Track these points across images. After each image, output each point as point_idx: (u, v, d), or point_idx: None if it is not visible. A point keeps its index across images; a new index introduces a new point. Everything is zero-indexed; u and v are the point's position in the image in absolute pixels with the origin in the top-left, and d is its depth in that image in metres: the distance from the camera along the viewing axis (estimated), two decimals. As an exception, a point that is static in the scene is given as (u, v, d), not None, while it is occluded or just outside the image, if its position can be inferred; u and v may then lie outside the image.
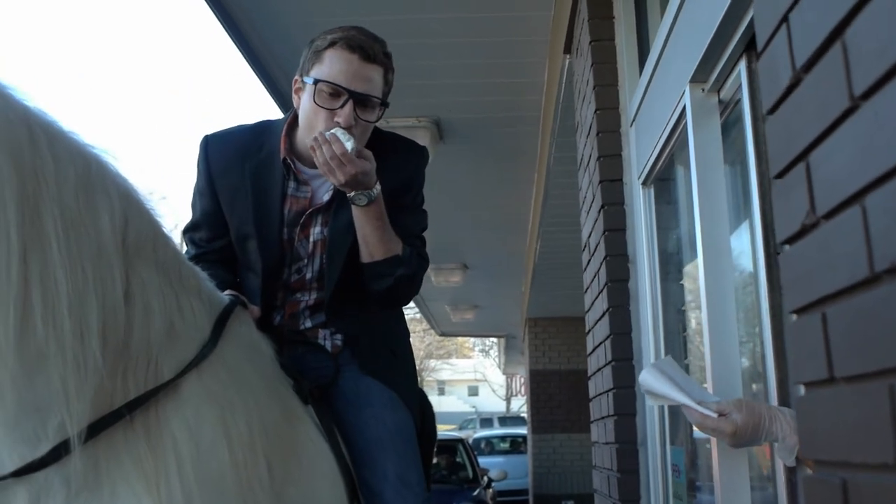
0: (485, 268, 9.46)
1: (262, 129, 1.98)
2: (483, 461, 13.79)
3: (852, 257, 0.86)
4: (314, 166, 1.85)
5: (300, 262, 1.93)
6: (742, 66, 1.80)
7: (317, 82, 1.79)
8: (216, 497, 1.40)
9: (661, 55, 2.44)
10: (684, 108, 2.13)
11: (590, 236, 3.30)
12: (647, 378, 1.75)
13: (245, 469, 1.45)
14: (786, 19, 1.02)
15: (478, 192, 6.83)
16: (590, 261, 3.33)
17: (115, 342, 1.34)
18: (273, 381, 1.70)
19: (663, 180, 2.69)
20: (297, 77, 1.89)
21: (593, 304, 3.24)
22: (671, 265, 2.69)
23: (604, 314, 2.96)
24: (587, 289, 3.44)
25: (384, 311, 2.03)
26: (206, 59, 58.34)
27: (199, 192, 2.00)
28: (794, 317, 1.04)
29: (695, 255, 2.15)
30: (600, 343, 3.07)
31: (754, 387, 1.97)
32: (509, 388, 35.97)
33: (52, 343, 1.25)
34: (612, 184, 2.94)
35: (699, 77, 2.04)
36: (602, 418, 3.08)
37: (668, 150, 2.46)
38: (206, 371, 1.48)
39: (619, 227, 2.90)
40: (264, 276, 1.92)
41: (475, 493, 9.72)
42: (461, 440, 11.31)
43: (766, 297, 1.65)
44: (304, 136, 1.87)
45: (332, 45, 1.80)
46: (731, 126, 2.08)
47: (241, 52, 4.12)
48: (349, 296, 1.93)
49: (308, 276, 1.94)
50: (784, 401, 1.62)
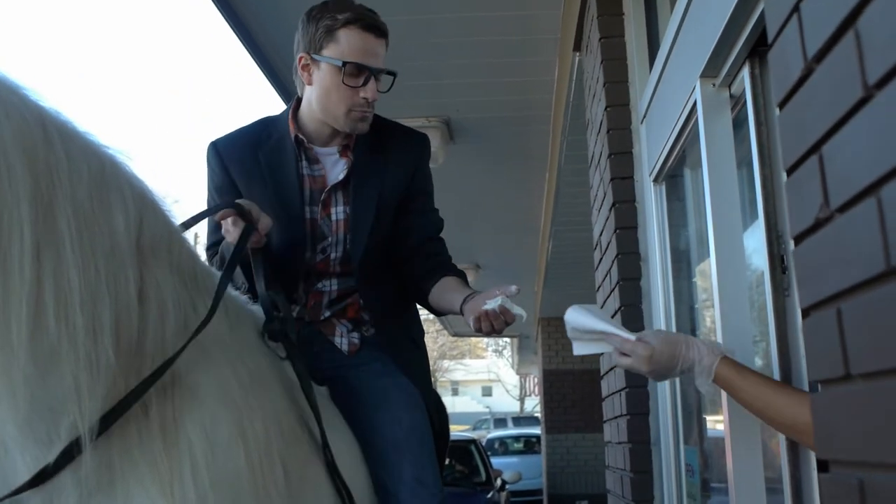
0: (497, 267, 9.44)
1: (267, 122, 2.03)
2: (497, 461, 13.65)
3: (868, 251, 0.84)
4: (324, 145, 1.96)
5: (324, 241, 1.95)
6: (745, 70, 1.77)
7: (345, 64, 1.86)
8: (231, 499, 1.39)
9: (671, 50, 2.41)
10: (695, 103, 2.10)
11: (601, 234, 3.28)
12: (572, 314, 1.77)
13: (261, 472, 1.44)
14: (797, 9, 1.00)
15: (489, 192, 6.81)
16: (601, 259, 3.31)
17: (129, 341, 1.34)
18: (290, 384, 1.69)
19: (675, 177, 2.67)
20: (303, 54, 1.93)
21: (605, 302, 3.22)
22: (683, 263, 2.67)
23: (616, 313, 2.93)
24: (599, 287, 3.41)
25: (403, 303, 2.08)
26: (205, 59, 58.75)
27: (216, 191, 2.00)
28: (808, 314, 1.01)
29: (707, 253, 2.12)
30: (612, 342, 3.04)
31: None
32: (523, 388, 35.95)
33: (65, 341, 1.24)
34: (623, 181, 2.91)
35: (710, 72, 2.01)
36: (615, 418, 3.05)
37: (679, 147, 2.44)
38: (222, 372, 1.47)
39: (630, 224, 2.87)
40: (287, 258, 1.92)
41: (488, 495, 9.30)
42: (474, 441, 10.92)
43: (770, 298, 1.63)
44: (320, 113, 1.93)
45: (346, 24, 1.87)
46: (742, 121, 2.05)
47: (244, 44, 4.09)
48: (377, 280, 1.97)
49: (332, 256, 1.96)
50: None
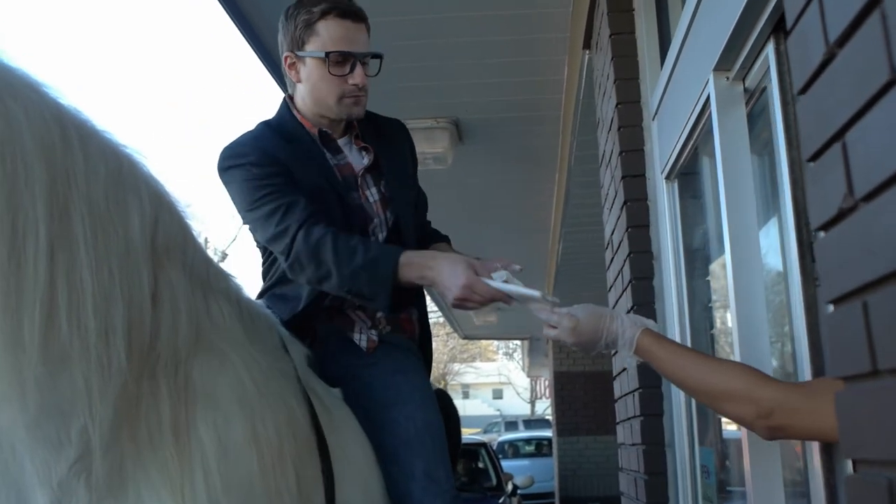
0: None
1: (270, 124, 1.99)
2: (508, 465, 13.56)
3: (895, 241, 0.81)
4: (335, 136, 2.00)
5: (372, 223, 1.97)
6: (770, 48, 1.73)
7: (328, 54, 1.87)
8: None
9: (682, 45, 2.37)
10: (708, 97, 2.07)
11: (612, 233, 3.24)
12: (496, 281, 1.77)
13: (273, 476, 1.42)
14: (818, -9, 0.96)
15: (498, 192, 6.78)
16: (613, 258, 3.27)
17: (141, 343, 1.32)
18: (303, 387, 1.67)
19: (687, 174, 2.63)
20: (287, 53, 1.95)
21: (617, 302, 3.18)
22: (697, 261, 2.63)
23: (628, 313, 2.89)
24: (611, 287, 3.38)
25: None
26: (203, 67, 58.83)
27: (278, 175, 1.87)
28: (832, 307, 0.98)
29: (722, 251, 2.08)
30: (625, 342, 3.00)
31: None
32: (534, 390, 35.85)
33: (77, 343, 1.23)
34: (635, 179, 2.87)
35: (723, 65, 1.98)
36: (628, 419, 3.01)
37: (691, 143, 2.40)
38: (237, 375, 1.45)
39: (642, 223, 2.84)
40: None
41: (499, 501, 9.04)
42: (484, 444, 10.65)
43: (799, 289, 1.58)
44: (315, 107, 1.96)
45: (323, 15, 1.88)
46: (756, 115, 2.01)
47: (249, 42, 4.06)
48: None
49: (381, 237, 1.98)
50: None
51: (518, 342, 27.96)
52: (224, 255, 19.24)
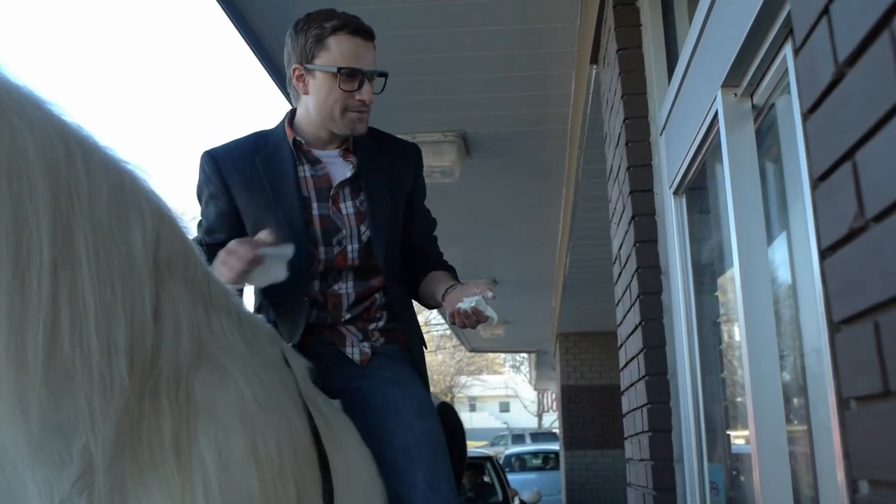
0: (514, 283, 9.39)
1: (262, 133, 2.07)
2: (514, 478, 13.43)
3: (906, 261, 0.81)
4: (322, 149, 2.02)
5: (339, 233, 1.98)
6: (789, 61, 1.71)
7: (340, 69, 1.92)
8: None
9: (690, 61, 2.38)
10: (716, 113, 2.07)
11: (620, 248, 3.24)
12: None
13: (274, 491, 1.41)
14: (826, 11, 0.97)
15: (506, 206, 6.78)
16: (621, 273, 3.26)
17: (143, 361, 1.31)
18: (304, 400, 1.66)
19: (695, 189, 2.63)
20: (296, 65, 1.98)
21: (625, 317, 3.17)
22: (705, 276, 2.62)
23: (636, 328, 2.89)
24: (618, 302, 3.37)
25: (411, 302, 2.17)
26: (203, 68, 58.91)
27: (210, 198, 2.03)
28: (842, 327, 0.97)
29: (730, 266, 2.08)
30: (633, 357, 3.00)
31: (796, 401, 1.90)
32: (541, 403, 35.74)
33: (79, 363, 1.22)
34: (643, 194, 2.87)
35: (731, 81, 1.98)
36: (636, 434, 3.00)
37: (699, 158, 2.40)
38: (238, 389, 1.45)
39: (650, 238, 2.83)
40: (296, 258, 1.91)
41: None
42: (490, 457, 10.19)
43: (822, 303, 1.57)
44: (319, 119, 1.99)
45: (335, 31, 1.93)
46: (765, 131, 2.02)
47: (250, 46, 4.06)
48: (397, 278, 2.05)
49: (349, 248, 1.98)
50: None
51: (525, 355, 27.92)
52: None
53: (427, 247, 2.17)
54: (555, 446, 19.96)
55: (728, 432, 2.42)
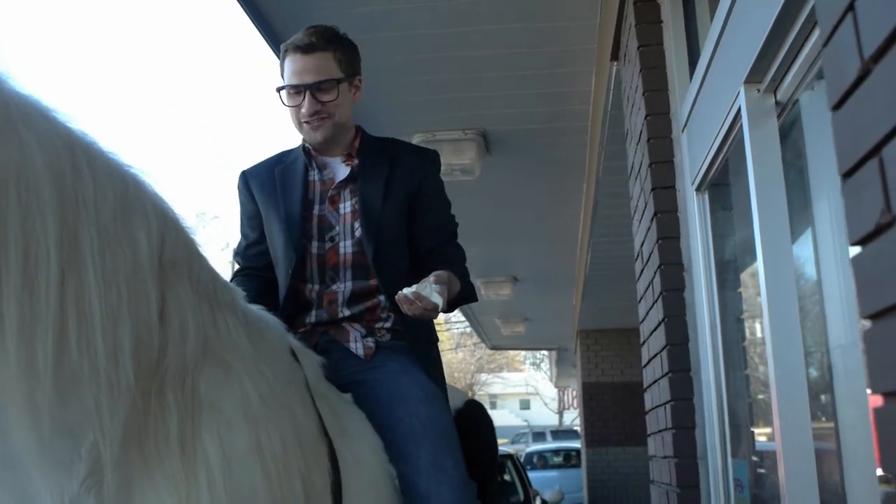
0: (535, 280, 9.38)
1: (289, 150, 2.22)
2: (535, 476, 13.36)
3: (935, 257, 0.81)
4: (329, 155, 2.13)
5: (332, 230, 2.06)
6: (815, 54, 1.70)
7: (279, 89, 2.07)
8: None
9: (712, 57, 2.37)
10: (739, 109, 2.06)
11: (642, 245, 3.23)
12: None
13: (279, 485, 1.44)
14: (851, 7, 0.97)
15: (526, 204, 6.78)
16: (643, 270, 3.26)
17: (149, 360, 1.34)
18: (311, 395, 1.68)
19: (718, 185, 2.62)
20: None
21: (648, 314, 3.17)
22: (728, 273, 2.61)
23: (659, 324, 2.89)
24: (641, 299, 3.37)
25: None
26: (202, 70, 58.96)
27: (243, 212, 2.21)
28: (868, 323, 0.97)
29: (753, 262, 2.08)
30: (656, 354, 3.00)
31: (823, 398, 1.89)
32: (561, 401, 35.66)
33: (86, 366, 1.25)
34: (665, 191, 2.87)
35: (754, 77, 1.98)
36: (659, 431, 3.00)
37: (722, 155, 2.39)
38: (242, 386, 1.47)
39: (672, 234, 2.83)
40: (293, 255, 2.03)
41: None
42: (510, 455, 9.84)
43: (854, 301, 1.56)
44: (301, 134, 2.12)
45: (284, 54, 2.07)
46: (788, 127, 2.01)
47: (266, 40, 4.07)
48: (395, 278, 2.02)
49: (341, 244, 2.04)
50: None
51: (545, 352, 27.85)
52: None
53: (437, 248, 2.15)
54: (576, 444, 19.93)
55: (752, 429, 2.41)
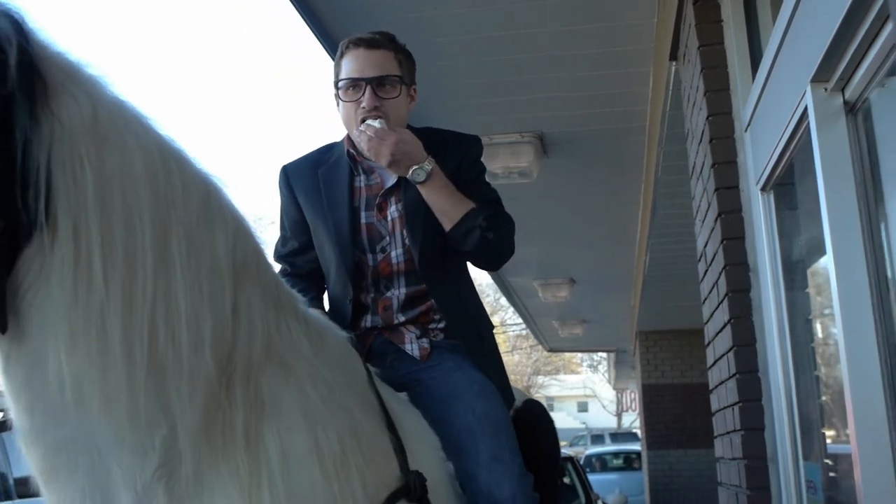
0: (592, 282, 9.34)
1: (331, 145, 2.17)
2: (595, 479, 13.18)
3: None
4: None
5: (383, 240, 2.03)
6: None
7: (337, 83, 2.04)
8: None
9: (776, 55, 2.35)
10: (805, 109, 2.05)
11: (706, 246, 3.21)
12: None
13: (337, 484, 1.47)
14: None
15: (583, 205, 6.76)
16: (707, 271, 3.24)
17: (222, 355, 1.41)
18: (371, 396, 1.72)
19: (783, 185, 2.59)
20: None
21: (712, 315, 3.15)
22: (796, 273, 2.58)
23: (725, 326, 2.87)
24: (705, 300, 3.34)
25: (470, 296, 2.14)
26: (202, 70, 59.40)
27: (284, 211, 2.18)
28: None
29: (822, 262, 2.06)
30: (722, 356, 2.97)
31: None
32: (620, 403, 35.33)
33: (171, 356, 1.33)
34: (729, 191, 2.85)
35: (821, 76, 1.96)
36: (727, 433, 2.97)
37: (788, 154, 2.37)
38: (302, 387, 1.52)
39: (737, 235, 2.81)
40: (347, 265, 2.02)
41: None
42: (570, 458, 9.49)
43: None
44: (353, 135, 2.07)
45: (343, 51, 2.05)
46: (857, 125, 1.98)
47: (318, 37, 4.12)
48: (444, 278, 2.03)
49: (393, 254, 2.02)
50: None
51: (603, 354, 27.63)
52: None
53: None
54: (636, 446, 19.72)
55: (824, 431, 2.38)
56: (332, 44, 4.01)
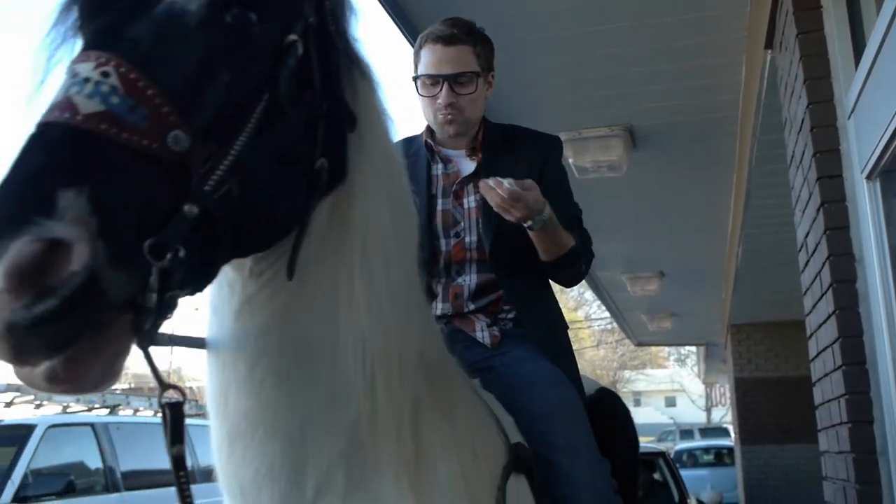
0: (682, 274, 9.21)
1: (411, 137, 2.21)
2: (685, 474, 12.95)
3: None
4: (454, 148, 2.13)
5: (458, 225, 2.07)
6: None
7: (415, 78, 2.08)
8: None
9: (883, 40, 2.31)
10: (916, 95, 2.01)
11: (807, 236, 3.16)
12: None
13: (472, 469, 1.49)
14: None
15: (673, 198, 6.69)
16: (808, 262, 3.18)
17: (414, 371, 1.46)
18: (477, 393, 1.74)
19: (891, 172, 2.54)
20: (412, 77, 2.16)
21: (815, 306, 3.09)
22: (906, 262, 2.53)
23: (829, 317, 2.82)
24: (806, 291, 3.29)
25: (543, 291, 2.14)
26: None
27: None
28: None
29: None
30: (826, 347, 2.92)
31: None
32: (709, 397, 34.64)
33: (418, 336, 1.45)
34: (831, 180, 2.80)
35: (932, 61, 1.92)
36: (833, 426, 2.93)
37: (896, 141, 2.32)
38: (452, 424, 1.53)
39: (841, 224, 2.75)
40: (421, 256, 2.04)
41: None
42: (662, 453, 9.33)
43: None
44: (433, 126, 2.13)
45: (422, 44, 2.08)
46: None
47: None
48: (516, 269, 2.04)
49: (467, 240, 2.06)
50: None
51: (691, 348, 27.14)
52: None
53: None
54: (726, 441, 19.31)
55: (939, 423, 2.33)
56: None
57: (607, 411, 2.15)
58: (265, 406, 1.31)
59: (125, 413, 9.07)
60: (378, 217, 1.36)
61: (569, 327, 2.25)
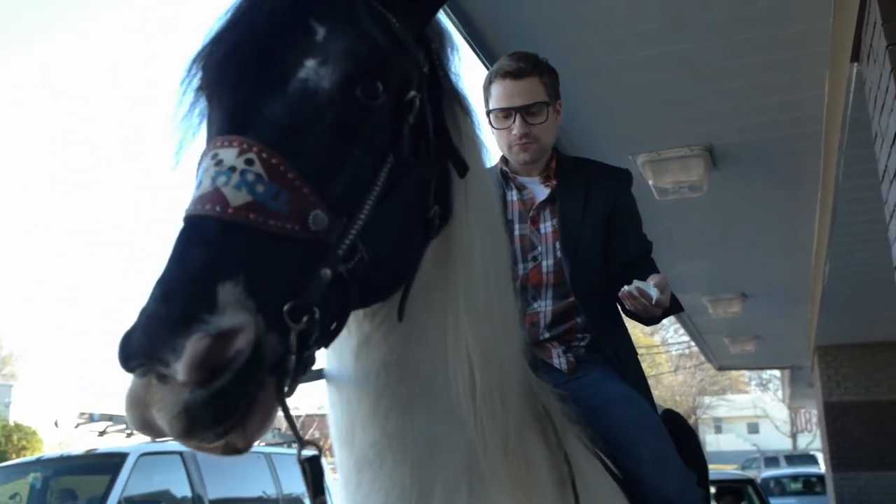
0: (765, 295, 9.00)
1: (489, 168, 2.26)
2: (774, 503, 12.65)
3: None
4: (527, 175, 2.23)
5: (535, 249, 2.14)
6: None
7: (489, 113, 2.19)
8: None
9: (982, 49, 2.24)
10: None
11: (904, 252, 3.07)
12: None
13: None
14: None
15: (754, 217, 6.56)
16: (906, 278, 3.09)
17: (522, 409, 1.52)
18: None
19: None
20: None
21: (916, 324, 2.99)
22: None
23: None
24: (905, 308, 3.18)
25: (617, 316, 2.17)
26: None
27: None
28: None
29: None
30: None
31: None
32: (794, 423, 33.54)
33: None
34: (929, 193, 2.72)
35: None
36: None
37: None
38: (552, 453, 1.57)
39: (941, 239, 2.67)
40: None
41: None
42: (751, 480, 9.71)
43: None
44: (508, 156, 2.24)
45: (490, 79, 2.19)
46: None
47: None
48: (592, 297, 2.09)
49: (544, 263, 2.12)
50: None
51: (773, 372, 26.38)
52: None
53: (633, 264, 2.15)
54: (815, 469, 18.65)
55: None
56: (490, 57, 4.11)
57: (680, 427, 2.18)
58: (391, 436, 1.37)
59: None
60: (478, 250, 1.40)
61: (637, 352, 2.28)
